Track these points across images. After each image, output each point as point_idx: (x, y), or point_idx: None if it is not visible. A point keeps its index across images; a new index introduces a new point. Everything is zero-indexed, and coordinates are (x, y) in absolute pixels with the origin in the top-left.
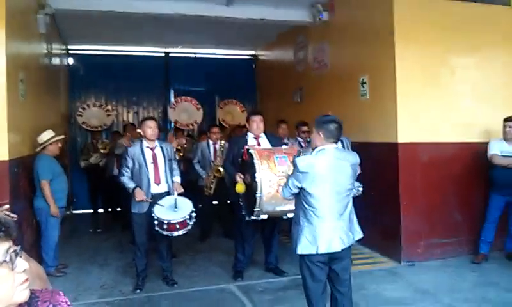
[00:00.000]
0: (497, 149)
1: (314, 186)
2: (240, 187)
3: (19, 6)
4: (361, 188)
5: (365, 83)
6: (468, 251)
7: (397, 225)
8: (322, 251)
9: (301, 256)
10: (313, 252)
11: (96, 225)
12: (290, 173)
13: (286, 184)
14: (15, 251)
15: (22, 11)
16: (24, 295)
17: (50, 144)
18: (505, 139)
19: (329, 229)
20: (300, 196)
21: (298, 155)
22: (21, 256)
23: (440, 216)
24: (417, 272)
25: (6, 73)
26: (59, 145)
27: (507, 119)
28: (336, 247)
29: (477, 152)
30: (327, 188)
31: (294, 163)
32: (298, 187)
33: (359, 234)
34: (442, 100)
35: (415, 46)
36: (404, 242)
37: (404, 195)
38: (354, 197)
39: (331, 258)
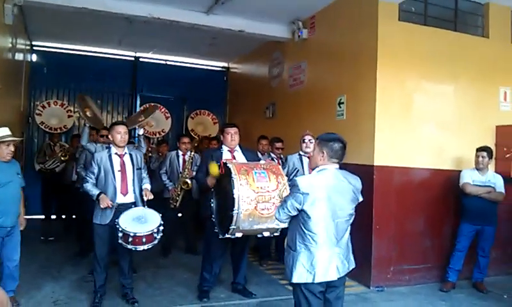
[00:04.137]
0: (469, 178)
1: (314, 208)
2: (215, 169)
3: None
4: None
5: (342, 103)
6: (436, 278)
7: (368, 249)
8: (319, 279)
9: (297, 284)
10: (310, 281)
11: (48, 233)
12: (282, 192)
13: (283, 206)
14: None
15: None
16: None
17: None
18: (477, 168)
19: (327, 256)
20: (297, 219)
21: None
22: None
23: (410, 242)
24: (387, 298)
25: None
26: (12, 149)
27: (479, 149)
28: (333, 275)
29: (449, 179)
30: (327, 211)
31: (293, 183)
32: (298, 209)
33: (352, 264)
34: (417, 125)
35: (395, 70)
36: (374, 266)
37: (377, 219)
38: None
39: (328, 286)
